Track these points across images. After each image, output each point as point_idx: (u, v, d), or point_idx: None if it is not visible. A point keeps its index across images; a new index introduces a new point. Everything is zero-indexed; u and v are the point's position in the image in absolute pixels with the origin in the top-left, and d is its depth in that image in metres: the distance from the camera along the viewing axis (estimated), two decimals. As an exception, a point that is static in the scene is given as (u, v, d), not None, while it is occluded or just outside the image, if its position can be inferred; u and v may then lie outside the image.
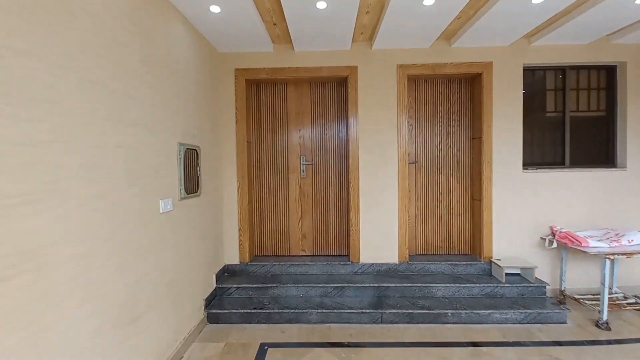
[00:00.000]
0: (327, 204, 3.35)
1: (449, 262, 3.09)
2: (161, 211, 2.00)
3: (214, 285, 2.88)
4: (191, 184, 2.39)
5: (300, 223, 3.37)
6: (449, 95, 3.29)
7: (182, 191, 2.24)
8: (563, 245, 2.90)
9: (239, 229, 3.15)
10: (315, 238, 3.37)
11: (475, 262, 3.09)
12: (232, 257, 3.17)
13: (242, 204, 3.14)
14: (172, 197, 2.14)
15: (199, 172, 2.52)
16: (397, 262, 3.12)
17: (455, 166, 3.30)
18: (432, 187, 3.31)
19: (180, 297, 2.23)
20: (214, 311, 2.65)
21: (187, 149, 2.34)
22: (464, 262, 3.10)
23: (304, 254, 3.38)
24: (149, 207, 1.88)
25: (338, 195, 3.34)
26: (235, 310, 2.65)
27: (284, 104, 3.34)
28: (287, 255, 3.38)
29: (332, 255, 3.35)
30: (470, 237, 3.32)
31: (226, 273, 3.16)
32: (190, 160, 2.41)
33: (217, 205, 3.00)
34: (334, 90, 3.32)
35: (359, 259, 3.13)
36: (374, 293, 2.88)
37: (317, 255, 3.37)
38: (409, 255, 3.26)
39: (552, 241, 2.92)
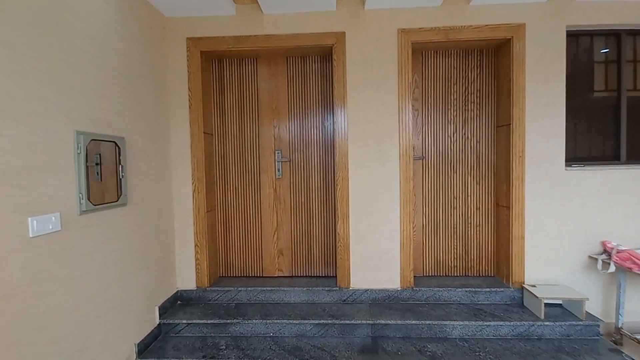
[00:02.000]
0: (309, 212, 2.64)
1: (467, 289, 2.36)
2: (33, 234, 1.31)
3: (156, 322, 2.20)
4: (103, 191, 1.70)
5: (275, 236, 2.67)
6: (467, 70, 2.53)
7: (83, 202, 1.55)
8: (621, 269, 2.15)
9: (195, 245, 2.46)
10: (295, 255, 2.67)
11: (501, 289, 2.36)
12: (187, 280, 2.49)
13: (198, 212, 2.45)
14: (61, 211, 1.45)
15: (121, 174, 1.83)
16: (399, 288, 2.40)
17: (475, 162, 2.56)
18: (444, 190, 2.58)
19: (83, 354, 1.55)
20: (150, 360, 1.98)
21: (96, 140, 1.65)
22: (487, 289, 2.36)
23: (280, 274, 2.68)
24: (3, 230, 1.20)
25: (323, 200, 2.63)
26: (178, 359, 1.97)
27: (253, 84, 2.62)
28: (259, 277, 2.68)
29: (317, 277, 2.65)
30: (494, 254, 2.58)
31: (179, 301, 2.48)
32: (105, 157, 1.72)
33: (163, 216, 2.32)
34: (316, 66, 2.59)
35: (348, 283, 2.42)
36: (368, 332, 2.17)
37: (298, 277, 2.67)
38: (414, 278, 2.54)
39: (609, 263, 2.17)
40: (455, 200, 2.57)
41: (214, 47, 2.38)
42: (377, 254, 2.40)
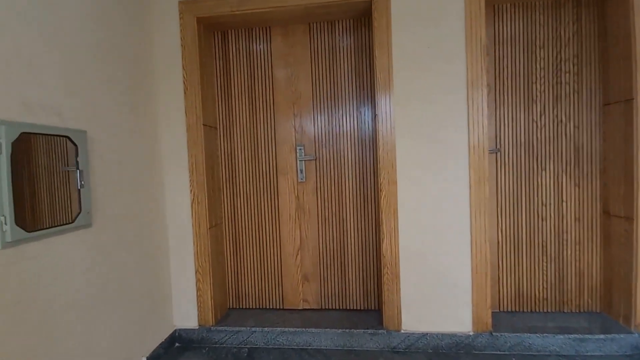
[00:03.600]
0: (342, 225, 2.02)
1: (570, 335, 1.66)
2: None
3: (143, 378, 1.65)
4: (47, 209, 1.15)
5: (298, 256, 2.06)
6: (558, 28, 1.83)
7: (7, 228, 1.00)
8: None
9: (196, 270, 1.90)
10: (325, 281, 2.05)
11: (619, 334, 1.65)
12: (187, 316, 1.93)
13: (199, 228, 1.88)
14: (-41, 246, 0.90)
15: (80, 183, 1.28)
16: (471, 333, 1.73)
17: (572, 156, 1.84)
18: (527, 195, 1.88)
19: None
20: None
21: (31, 134, 1.10)
22: (599, 335, 1.65)
23: (306, 306, 2.07)
24: None
25: (361, 210, 2.00)
26: None
27: (266, 61, 2.03)
28: (279, 309, 2.09)
29: (354, 311, 2.02)
30: (601, 282, 1.86)
31: (177, 343, 1.93)
32: (51, 159, 1.17)
33: (152, 236, 1.76)
34: (349, 35, 1.96)
35: (399, 324, 1.77)
36: (432, 400, 1.52)
37: (329, 310, 2.05)
38: (492, 314, 1.86)
39: None
40: (543, 208, 1.87)
41: (214, 12, 1.81)
42: (438, 284, 1.74)
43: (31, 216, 1.09)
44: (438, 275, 1.74)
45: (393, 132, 1.73)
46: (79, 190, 1.27)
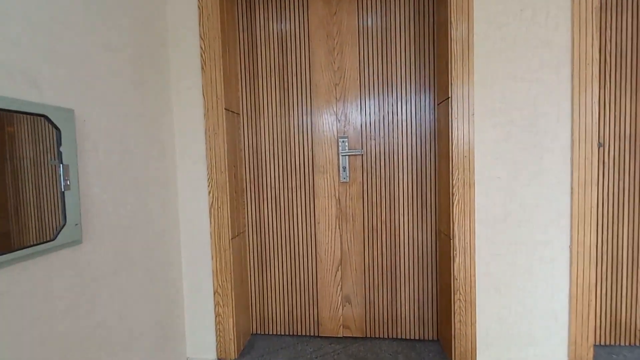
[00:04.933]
0: (394, 237, 1.64)
1: (698, 382, 1.29)
2: None
3: None
4: (13, 222, 0.77)
5: (339, 274, 1.69)
6: (680, -10, 1.44)
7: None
8: None
9: (215, 292, 1.53)
10: (370, 304, 1.68)
11: None
12: (203, 347, 1.56)
13: (219, 239, 1.51)
14: None
15: (64, 183, 0.90)
16: (566, 376, 1.36)
17: (690, 154, 1.46)
18: (632, 200, 1.50)
19: None
20: None
21: (-15, 109, 0.72)
22: None
23: (347, 334, 1.70)
24: None
25: (418, 219, 1.62)
26: None
27: (302, 34, 1.64)
28: (314, 337, 1.71)
29: (406, 341, 1.65)
30: None
31: (191, 381, 1.56)
32: (22, 148, 0.79)
33: (162, 252, 1.39)
34: (408, 2, 1.58)
35: (472, 363, 1.40)
36: None
37: (374, 339, 1.68)
38: (594, 350, 1.48)
39: None
40: (652, 218, 1.49)
41: (242, -35, 1.42)
42: (524, 314, 1.37)
43: (-14, 235, 0.72)
44: (526, 306, 1.37)
45: (471, 120, 1.34)
46: (63, 193, 0.89)
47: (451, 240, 1.40)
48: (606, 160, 1.49)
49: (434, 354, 1.52)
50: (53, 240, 0.86)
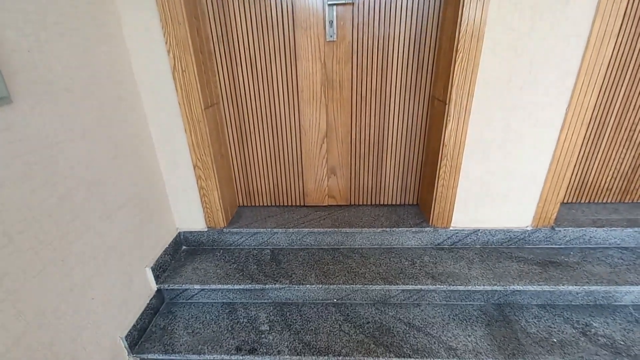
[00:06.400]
0: (384, 107, 1.52)
1: (638, 227, 1.49)
2: None
3: (152, 289, 1.38)
4: None
5: (324, 146, 1.62)
6: None
7: None
8: None
9: (195, 165, 1.45)
10: (356, 174, 1.68)
11: (689, 226, 1.48)
12: (191, 218, 1.58)
13: (190, 109, 1.33)
14: None
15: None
16: (529, 228, 1.52)
17: None
18: (635, 60, 1.40)
19: None
20: (148, 358, 1.23)
21: None
22: (669, 227, 1.49)
23: (332, 203, 1.76)
24: None
25: (411, 86, 1.47)
26: (196, 357, 1.22)
27: None
28: (301, 206, 1.77)
29: (387, 206, 1.74)
30: (680, 171, 1.60)
31: (184, 246, 1.64)
32: None
33: (122, 119, 1.21)
34: None
35: (449, 221, 1.52)
36: (488, 298, 1.39)
37: (358, 206, 1.76)
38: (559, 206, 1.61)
39: None
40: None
41: None
42: (506, 177, 1.42)
43: None
44: (509, 169, 1.39)
45: (495, -53, 1.06)
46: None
47: (446, 106, 1.30)
48: (628, 9, 1.30)
49: (413, 215, 1.63)
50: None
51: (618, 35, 1.34)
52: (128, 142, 1.23)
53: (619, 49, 1.37)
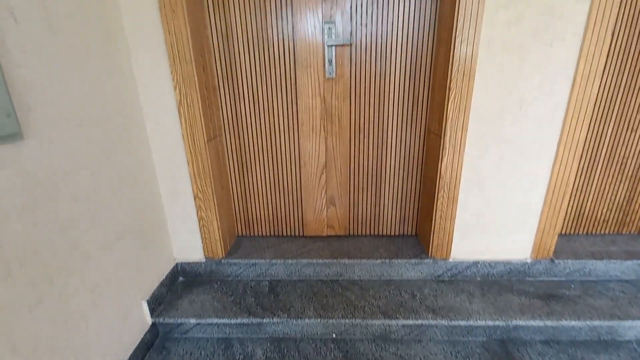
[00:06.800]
0: (382, 139, 1.57)
1: (637, 259, 1.48)
2: None
3: (148, 322, 1.35)
4: None
5: (324, 176, 1.65)
6: None
7: None
8: None
9: (196, 196, 1.46)
10: (355, 205, 1.70)
11: (688, 258, 1.48)
12: (190, 248, 1.57)
13: (193, 141, 1.37)
14: None
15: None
16: (528, 260, 1.51)
17: (697, 45, 1.38)
18: (623, 96, 1.46)
19: None
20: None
21: None
22: (669, 260, 1.48)
23: (331, 233, 1.76)
24: None
25: (407, 120, 1.53)
26: (190, 394, 1.17)
27: None
28: (300, 237, 1.77)
29: (386, 237, 1.74)
30: (675, 202, 1.62)
31: (181, 278, 1.62)
32: None
33: (128, 150, 1.25)
34: None
35: (448, 252, 1.52)
36: (490, 334, 1.36)
37: (357, 237, 1.76)
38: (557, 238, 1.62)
39: None
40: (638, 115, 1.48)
41: None
42: (503, 208, 1.43)
43: None
44: (505, 199, 1.41)
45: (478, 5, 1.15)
46: (-21, 72, 0.69)
47: (441, 139, 1.34)
48: (612, 50, 1.38)
49: (412, 246, 1.62)
50: (-19, 131, 0.70)
51: (603, 74, 1.42)
52: (131, 172, 1.25)
53: (605, 86, 1.44)
